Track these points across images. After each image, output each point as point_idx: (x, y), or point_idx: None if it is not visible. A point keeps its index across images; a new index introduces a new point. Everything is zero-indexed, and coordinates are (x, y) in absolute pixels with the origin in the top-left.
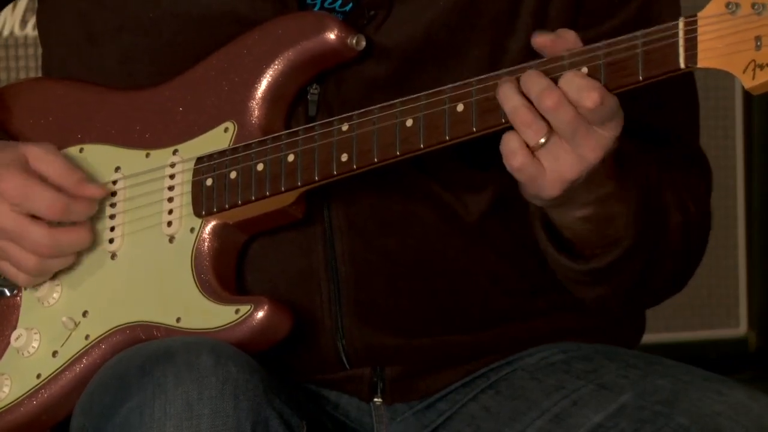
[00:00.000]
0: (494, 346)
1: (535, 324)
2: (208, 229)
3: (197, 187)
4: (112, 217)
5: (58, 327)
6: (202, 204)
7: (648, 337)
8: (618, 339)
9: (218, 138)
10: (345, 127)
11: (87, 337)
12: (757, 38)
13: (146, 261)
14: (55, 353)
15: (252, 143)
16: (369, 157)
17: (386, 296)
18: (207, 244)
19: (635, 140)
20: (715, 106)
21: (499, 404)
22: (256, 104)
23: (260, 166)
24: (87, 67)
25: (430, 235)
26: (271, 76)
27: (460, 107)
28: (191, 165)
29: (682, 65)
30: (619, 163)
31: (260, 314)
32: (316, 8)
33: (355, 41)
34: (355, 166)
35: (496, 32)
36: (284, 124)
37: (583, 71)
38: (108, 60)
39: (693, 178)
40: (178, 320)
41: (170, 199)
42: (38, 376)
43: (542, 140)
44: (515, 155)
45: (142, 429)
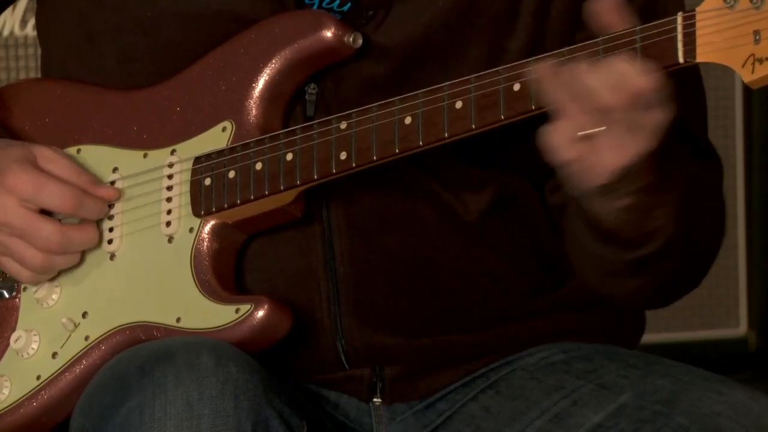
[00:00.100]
0: (494, 346)
1: (535, 324)
2: (207, 228)
3: (196, 186)
4: (110, 217)
5: (57, 328)
6: (201, 204)
7: (648, 337)
8: (618, 339)
9: (216, 137)
10: (343, 125)
11: (87, 338)
12: (756, 32)
13: (145, 261)
14: (54, 354)
15: (250, 142)
16: (368, 155)
17: (385, 296)
18: (206, 244)
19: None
20: (715, 106)
21: (499, 404)
22: (254, 103)
23: (259, 166)
24: (86, 67)
25: (429, 235)
26: (268, 74)
27: (458, 104)
28: (189, 165)
29: (681, 60)
30: (662, 153)
31: (260, 313)
32: (314, 8)
33: (351, 39)
34: (354, 164)
35: (496, 32)
36: (282, 123)
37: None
38: (107, 60)
39: (709, 170)
40: (178, 320)
41: (169, 199)
42: (38, 377)
43: (590, 130)
44: (565, 148)
45: (143, 429)
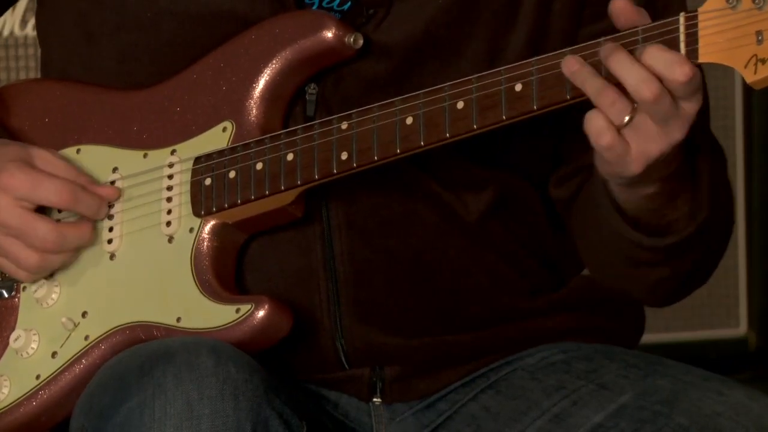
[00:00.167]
0: (494, 346)
1: (535, 324)
2: (208, 228)
3: (196, 187)
4: (110, 217)
5: (57, 328)
6: (201, 204)
7: (648, 337)
8: (618, 339)
9: (216, 138)
10: (344, 125)
11: (86, 338)
12: (759, 33)
13: (145, 261)
14: (54, 354)
15: (250, 143)
16: (369, 155)
17: (386, 296)
18: (206, 244)
19: None
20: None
21: (499, 404)
22: (254, 103)
23: (259, 166)
24: (86, 66)
25: (430, 235)
26: (268, 75)
27: (460, 104)
28: (189, 165)
29: None
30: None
31: (261, 313)
32: (314, 7)
33: (352, 40)
34: (355, 165)
35: (497, 27)
36: (282, 123)
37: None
38: (107, 59)
39: (719, 163)
40: (178, 320)
41: (169, 199)
42: (37, 377)
43: (627, 118)
44: (603, 134)
45: (142, 429)
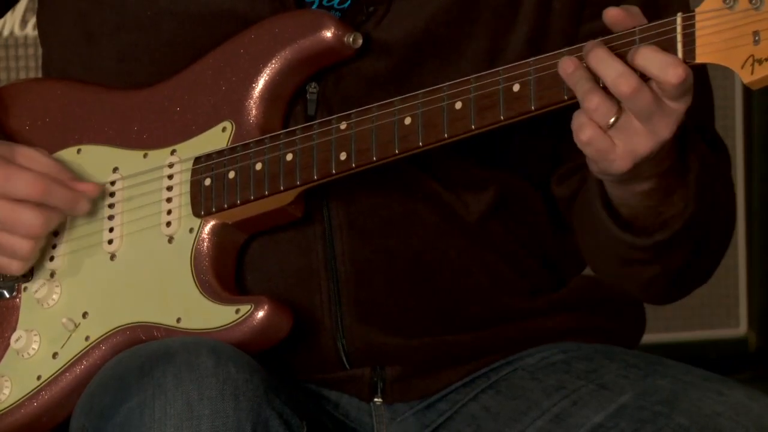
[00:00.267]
0: (494, 346)
1: (535, 324)
2: (207, 229)
3: (196, 187)
4: (110, 218)
5: (57, 328)
6: (201, 204)
7: (648, 337)
8: (618, 339)
9: (216, 138)
10: (343, 125)
11: (87, 338)
12: (755, 33)
13: (146, 261)
14: (55, 354)
15: (250, 143)
16: (368, 155)
17: (386, 296)
18: (206, 244)
19: None
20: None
21: (500, 404)
22: (254, 103)
23: (259, 166)
24: (86, 66)
25: (430, 235)
26: (268, 75)
27: (458, 105)
28: (189, 165)
29: None
30: (679, 138)
31: (261, 314)
32: (314, 6)
33: (351, 39)
34: (353, 165)
35: (498, 25)
36: (282, 123)
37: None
38: (107, 59)
39: (719, 160)
40: (179, 321)
41: (169, 200)
42: (38, 377)
43: (612, 120)
44: (584, 129)
45: (142, 429)
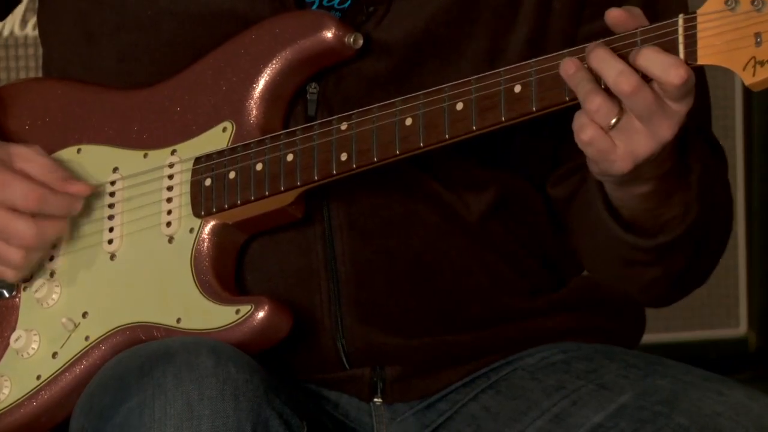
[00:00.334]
0: (494, 346)
1: (535, 324)
2: (208, 229)
3: (196, 187)
4: (110, 218)
5: (57, 328)
6: (201, 204)
7: (648, 337)
8: (618, 339)
9: (216, 138)
10: (344, 126)
11: (87, 338)
12: (757, 35)
13: (146, 262)
14: (54, 354)
15: (251, 143)
16: (368, 156)
17: (386, 296)
18: (206, 245)
19: None
20: (715, 106)
21: (499, 404)
22: (254, 104)
23: (259, 166)
24: (86, 66)
25: (430, 235)
26: (268, 75)
27: (459, 105)
28: (190, 165)
29: None
30: (680, 140)
31: (261, 314)
32: (314, 6)
33: (352, 40)
34: (354, 166)
35: (498, 25)
36: (283, 123)
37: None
38: (107, 59)
39: (717, 163)
40: (178, 321)
41: (169, 200)
42: (38, 377)
43: (613, 121)
44: (585, 129)
45: (142, 429)
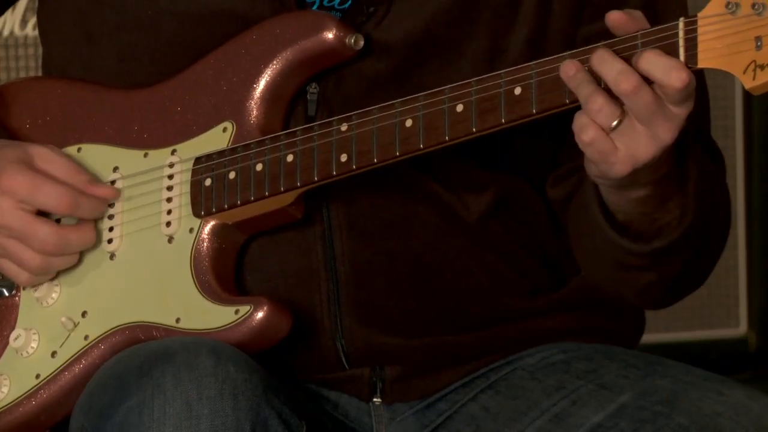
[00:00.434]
0: (494, 346)
1: (535, 324)
2: (207, 229)
3: (196, 187)
4: (110, 217)
5: (57, 327)
6: (201, 204)
7: (648, 337)
8: (618, 339)
9: (217, 138)
10: (344, 127)
11: (86, 338)
12: (758, 38)
13: (145, 261)
14: (54, 353)
15: (251, 143)
16: (368, 157)
17: (386, 296)
18: (206, 245)
19: None
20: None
21: (499, 404)
22: (255, 104)
23: (259, 167)
24: (86, 66)
25: (430, 236)
26: (269, 75)
27: (459, 107)
28: (190, 165)
29: None
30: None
31: (260, 314)
32: (315, 6)
33: (353, 40)
34: (354, 167)
35: (498, 25)
36: (283, 123)
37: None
38: (107, 59)
39: (716, 167)
40: (178, 321)
41: (169, 200)
42: (37, 376)
43: (615, 123)
44: (586, 130)
45: (141, 429)
